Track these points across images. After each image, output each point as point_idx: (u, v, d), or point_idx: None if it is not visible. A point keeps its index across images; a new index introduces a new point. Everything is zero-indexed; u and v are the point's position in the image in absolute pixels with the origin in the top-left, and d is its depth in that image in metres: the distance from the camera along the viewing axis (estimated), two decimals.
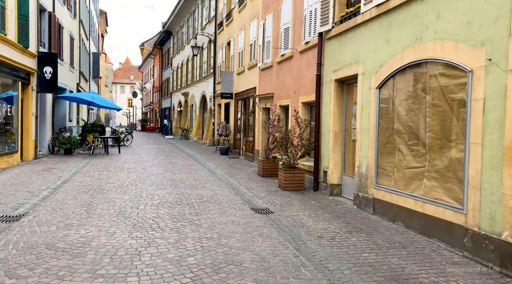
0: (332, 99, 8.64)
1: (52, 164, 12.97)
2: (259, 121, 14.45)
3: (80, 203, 7.40)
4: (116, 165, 13.25)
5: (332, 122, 8.63)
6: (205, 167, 13.35)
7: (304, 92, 10.31)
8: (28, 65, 12.82)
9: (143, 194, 8.37)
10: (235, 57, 18.42)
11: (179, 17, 32.36)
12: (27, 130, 13.33)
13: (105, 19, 43.30)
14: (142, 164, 13.87)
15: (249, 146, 15.95)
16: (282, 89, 12.07)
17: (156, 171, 12.02)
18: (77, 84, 21.26)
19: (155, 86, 49.79)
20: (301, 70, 10.53)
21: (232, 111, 19.00)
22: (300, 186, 9.29)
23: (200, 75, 26.49)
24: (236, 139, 18.32)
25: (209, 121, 24.20)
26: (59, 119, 18.42)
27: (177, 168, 12.98)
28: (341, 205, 7.76)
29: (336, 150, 8.60)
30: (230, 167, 13.46)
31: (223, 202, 7.85)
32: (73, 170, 11.81)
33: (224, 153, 18.04)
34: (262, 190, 9.30)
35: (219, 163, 14.73)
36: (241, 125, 17.55)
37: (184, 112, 32.89)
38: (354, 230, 6.04)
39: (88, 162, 13.85)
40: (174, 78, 36.53)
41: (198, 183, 10.08)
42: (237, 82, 18.14)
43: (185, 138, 30.20)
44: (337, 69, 8.45)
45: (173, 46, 36.66)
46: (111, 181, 9.94)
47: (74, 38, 20.11)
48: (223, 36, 20.85)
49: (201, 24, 26.00)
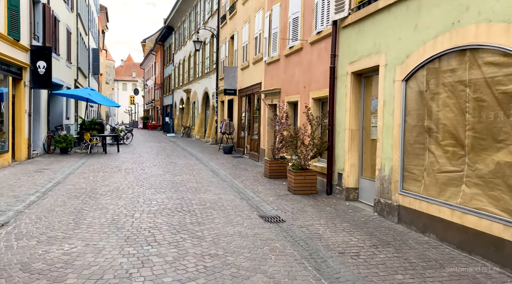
0: (348, 94, 7.83)
1: (45, 164, 12.22)
2: (264, 118, 13.65)
3: (69, 210, 6.63)
4: (113, 166, 12.48)
5: (348, 119, 7.82)
6: (208, 168, 12.57)
7: (315, 86, 9.50)
8: (19, 59, 12.05)
9: (140, 199, 7.59)
10: (239, 51, 17.60)
11: (180, 12, 31.53)
12: (19, 129, 12.57)
13: (105, 14, 42.47)
14: (141, 164, 13.10)
15: (254, 144, 15.15)
16: (290, 84, 11.26)
17: (156, 172, 11.25)
18: (75, 80, 20.49)
19: (156, 83, 49.02)
20: (312, 63, 9.71)
21: (236, 108, 18.20)
22: (312, 190, 8.49)
23: (202, 71, 25.69)
24: (240, 137, 17.53)
25: (211, 119, 23.41)
26: (56, 117, 17.65)
27: (178, 168, 12.20)
28: (360, 212, 6.96)
29: (353, 150, 7.79)
30: (235, 168, 12.68)
31: (228, 208, 7.06)
32: (67, 171, 11.05)
33: (227, 152, 17.25)
34: (270, 194, 8.51)
35: (223, 163, 13.95)
36: (246, 123, 16.75)
37: (186, 109, 32.10)
38: (380, 244, 5.24)
39: (84, 162, 13.09)
40: (176, 74, 35.75)
41: (200, 185, 9.30)
42: (241, 78, 17.33)
43: (187, 136, 29.44)
44: (354, 61, 7.64)
45: (175, 42, 35.85)
46: (106, 184, 9.17)
47: (71, 32, 19.33)
48: (226, 30, 20.02)
49: (204, 19, 25.18)
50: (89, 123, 18.47)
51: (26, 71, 12.88)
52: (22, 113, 12.66)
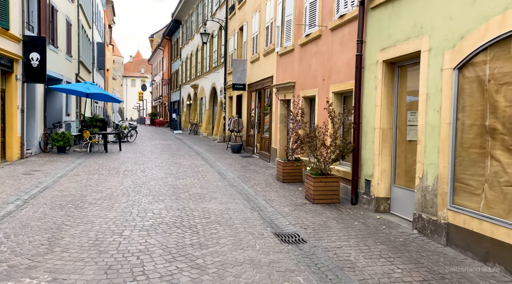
0: (378, 87, 6.63)
1: (38, 165, 11.21)
2: (276, 115, 12.48)
3: (47, 225, 5.56)
4: (111, 167, 11.43)
5: (378, 116, 6.63)
6: (214, 169, 11.46)
7: (336, 79, 8.30)
8: (9, 50, 11.03)
9: (134, 210, 6.50)
10: (248, 43, 16.42)
11: (188, 4, 30.40)
12: (10, 126, 11.58)
13: (112, 8, 41.50)
14: (143, 165, 12.03)
15: (265, 143, 14.00)
16: (306, 77, 10.07)
17: (157, 175, 10.16)
18: (76, 75, 19.50)
19: (164, 78, 48.02)
20: (333, 52, 8.51)
21: (245, 104, 17.05)
22: (334, 199, 7.32)
23: (210, 65, 24.55)
24: (250, 135, 16.38)
25: (219, 115, 22.29)
26: (55, 113, 16.69)
27: (182, 170, 11.10)
28: (395, 229, 5.77)
29: (384, 153, 6.60)
30: (244, 169, 11.54)
31: (236, 222, 5.93)
32: (59, 173, 10.02)
33: (236, 151, 16.13)
34: (285, 202, 7.36)
35: (231, 163, 12.83)
36: (255, 120, 15.60)
37: (193, 105, 31.04)
38: (432, 278, 4.06)
39: (81, 163, 12.06)
40: (183, 69, 34.67)
41: (205, 191, 8.18)
42: (250, 72, 16.16)
43: (194, 133, 28.38)
44: (386, 47, 6.43)
45: (182, 36, 34.75)
46: (99, 190, 8.09)
47: (71, 24, 18.30)
48: (235, 21, 18.84)
49: (211, 10, 24.02)
50: (89, 120, 17.50)
51: (18, 64, 11.87)
52: (14, 109, 11.66)
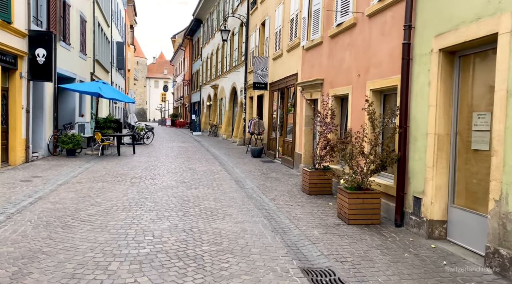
0: (433, 82, 5.31)
1: (42, 170, 10.32)
2: (301, 116, 11.23)
3: (19, 253, 4.49)
4: (120, 172, 10.43)
5: (432, 119, 5.30)
6: (231, 176, 10.30)
7: (375, 73, 6.99)
8: (12, 45, 10.18)
9: (131, 232, 5.38)
10: (270, 39, 15.22)
11: (209, 2, 29.47)
12: (13, 127, 10.75)
13: (133, 8, 41.09)
14: (154, 170, 10.99)
15: (288, 148, 12.75)
16: (337, 73, 8.78)
17: (167, 183, 9.08)
18: (91, 74, 18.74)
19: (185, 79, 47.38)
20: (371, 42, 7.21)
21: (266, 104, 15.85)
22: (373, 219, 6.02)
23: (230, 64, 23.48)
24: (271, 138, 15.16)
25: (239, 117, 21.17)
26: (67, 114, 15.91)
27: (196, 177, 9.99)
28: (460, 266, 4.43)
29: (440, 165, 5.27)
30: (264, 177, 10.33)
31: (254, 252, 4.73)
32: (61, 179, 9.07)
33: (256, 155, 14.94)
34: (314, 222, 6.11)
35: (250, 169, 11.64)
36: (277, 122, 14.37)
37: (213, 106, 30.07)
38: None
39: (88, 168, 11.12)
40: (204, 69, 33.79)
41: (219, 205, 7.02)
42: (272, 69, 14.95)
43: (214, 135, 27.37)
44: (444, 32, 5.11)
45: (203, 35, 33.88)
46: (97, 202, 7.04)
47: (86, 20, 17.54)
48: (256, 16, 17.67)
49: (232, 7, 22.95)
50: (103, 121, 16.68)
51: (23, 60, 11.04)
52: (18, 109, 10.82)
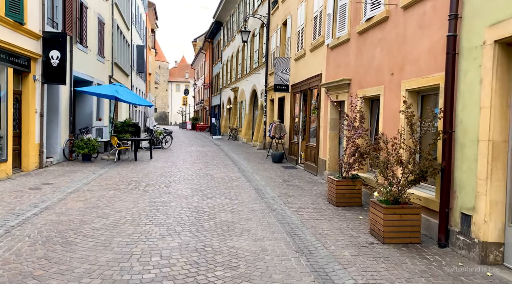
0: (485, 80, 4.52)
1: (54, 176, 9.92)
2: (325, 120, 10.49)
3: (6, 278, 3.95)
4: (134, 179, 9.92)
5: (485, 123, 4.51)
6: (251, 184, 9.64)
7: (412, 72, 6.21)
8: (25, 47, 9.84)
9: (136, 251, 4.78)
10: (292, 38, 14.54)
11: (229, 4, 29.03)
12: (26, 132, 10.41)
13: (154, 12, 41.16)
14: (169, 177, 10.44)
15: (311, 153, 12.01)
16: (366, 72, 8.02)
17: (182, 192, 8.50)
18: (109, 77, 18.48)
19: (205, 82, 47.16)
20: (406, 37, 6.43)
21: (288, 107, 15.15)
22: (413, 237, 5.24)
23: (250, 67, 22.91)
24: (293, 142, 14.44)
25: (259, 120, 20.53)
26: (85, 118, 15.64)
27: (213, 185, 9.38)
28: None
29: (496, 177, 4.46)
30: (286, 185, 9.63)
31: (276, 279, 4.03)
32: (71, 187, 8.61)
33: (277, 161, 14.24)
34: (343, 240, 5.38)
35: (271, 176, 10.96)
36: (300, 125, 13.65)
37: (233, 109, 29.56)
38: None
39: (102, 174, 10.66)
40: (224, 72, 33.38)
41: (236, 218, 6.37)
42: (294, 71, 14.26)
43: (234, 138, 26.81)
44: (501, 20, 4.32)
45: (223, 37, 33.49)
46: (105, 213, 6.50)
47: (104, 23, 17.29)
48: (278, 16, 17.03)
49: (253, 7, 22.39)
50: (121, 125, 16.32)
51: (37, 63, 10.71)
52: (31, 113, 10.48)
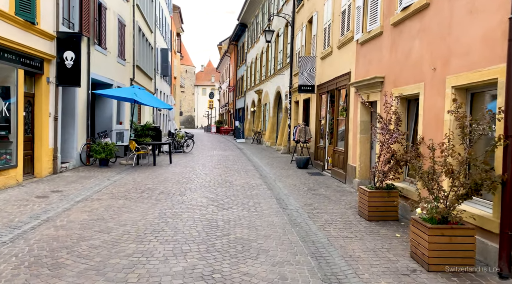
0: None
1: (66, 183, 9.45)
2: (355, 122, 9.58)
3: None
4: (148, 186, 9.32)
5: None
6: (272, 193, 8.84)
7: (460, 65, 5.26)
8: (37, 48, 9.44)
9: (132, 278, 4.06)
10: (318, 36, 13.67)
11: (253, 5, 28.41)
12: (39, 136, 10.00)
13: (179, 15, 41.03)
14: (186, 184, 9.79)
15: (339, 159, 11.09)
16: (402, 68, 7.09)
17: (197, 201, 7.80)
18: (130, 80, 18.13)
19: (230, 85, 46.77)
20: (452, 25, 5.50)
21: (314, 109, 14.27)
22: (466, 264, 4.31)
23: (274, 68, 22.14)
24: (319, 147, 13.54)
25: (284, 123, 19.70)
26: (104, 122, 15.28)
27: (231, 193, 8.64)
28: None
29: None
30: (311, 194, 8.78)
31: None
32: (81, 195, 8.08)
33: (302, 166, 13.37)
34: (379, 265, 4.50)
35: (295, 183, 10.12)
36: (326, 128, 12.75)
37: (257, 112, 28.85)
38: None
39: (117, 180, 10.12)
40: (248, 75, 32.77)
41: (253, 235, 5.58)
42: (320, 70, 13.38)
43: (258, 142, 26.06)
44: None
45: (248, 39, 32.91)
46: (108, 227, 5.86)
47: (125, 24, 16.94)
48: (303, 14, 16.21)
49: (277, 7, 21.65)
50: (141, 129, 15.87)
51: (51, 64, 10.31)
52: (44, 116, 10.08)
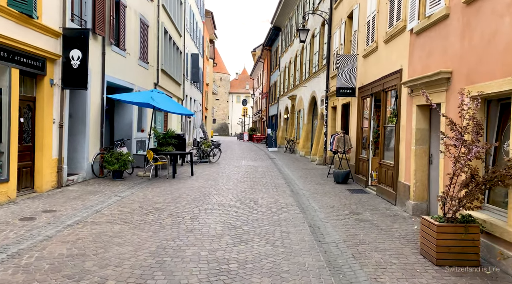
0: None
1: (65, 200, 8.19)
2: (409, 130, 7.76)
3: None
4: (156, 206, 7.88)
5: None
6: (305, 217, 7.16)
7: None
8: (38, 45, 8.31)
9: None
10: (360, 32, 11.91)
11: (287, 7, 26.91)
12: (40, 145, 8.84)
13: (211, 20, 40.13)
14: (203, 203, 8.28)
15: (386, 174, 9.24)
16: (482, 58, 5.26)
17: (209, 228, 6.25)
18: (154, 84, 17.01)
19: (263, 91, 45.41)
20: None
21: (354, 115, 12.46)
22: None
23: (309, 71, 20.45)
24: (360, 159, 11.69)
25: (319, 131, 17.92)
26: (124, 129, 14.16)
27: (255, 217, 7.04)
28: None
29: None
30: (354, 220, 7.01)
31: None
32: (74, 217, 6.75)
33: (341, 181, 11.56)
34: None
35: (333, 204, 8.38)
36: (370, 137, 10.91)
37: (290, 119, 27.19)
38: None
39: (125, 197, 8.77)
40: (281, 80, 31.23)
41: None
42: (362, 70, 11.59)
43: (291, 151, 24.33)
44: None
45: (281, 43, 31.43)
46: (83, 270, 4.40)
47: (149, 25, 15.86)
48: (341, 9, 14.49)
49: (313, 6, 20.01)
50: (162, 137, 14.64)
51: (55, 64, 9.19)
52: (47, 123, 8.93)
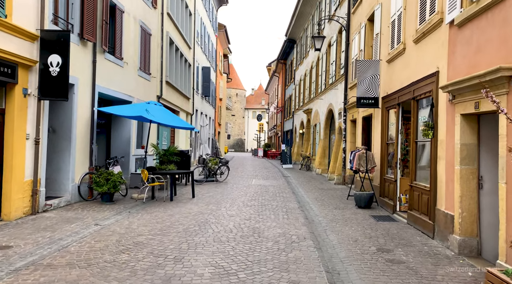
0: None
1: (33, 230, 6.84)
2: (451, 145, 6.18)
3: None
4: (137, 240, 6.43)
5: None
6: (321, 256, 5.59)
7: None
8: (4, 49, 7.12)
9: None
10: (383, 34, 10.44)
11: (301, 18, 25.68)
12: (9, 166, 7.54)
13: (225, 34, 39.26)
14: (196, 235, 6.79)
15: (420, 199, 7.60)
16: None
17: (194, 274, 4.75)
18: (157, 97, 15.80)
19: (278, 106, 44.07)
20: None
21: (377, 128, 10.88)
22: None
23: (326, 82, 18.99)
24: (386, 179, 10.05)
25: (337, 147, 16.32)
26: (120, 146, 12.90)
27: (256, 258, 5.51)
28: None
29: None
30: (384, 262, 5.41)
31: None
32: (29, 257, 5.37)
33: (363, 206, 9.92)
34: None
35: (356, 237, 6.79)
36: (397, 155, 9.31)
37: (306, 134, 25.63)
38: None
39: (104, 227, 7.36)
40: (296, 94, 29.84)
41: None
42: (387, 76, 10.08)
43: (307, 168, 22.69)
44: None
45: (296, 56, 30.17)
46: None
47: (151, 33, 14.73)
48: (360, 13, 13.08)
49: (329, 13, 18.70)
50: (163, 153, 13.32)
51: (30, 72, 7.97)
52: (18, 139, 7.67)
